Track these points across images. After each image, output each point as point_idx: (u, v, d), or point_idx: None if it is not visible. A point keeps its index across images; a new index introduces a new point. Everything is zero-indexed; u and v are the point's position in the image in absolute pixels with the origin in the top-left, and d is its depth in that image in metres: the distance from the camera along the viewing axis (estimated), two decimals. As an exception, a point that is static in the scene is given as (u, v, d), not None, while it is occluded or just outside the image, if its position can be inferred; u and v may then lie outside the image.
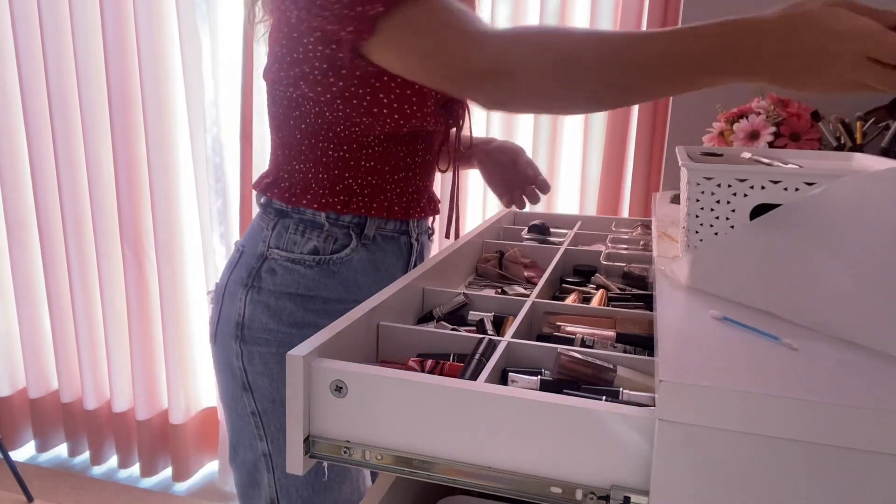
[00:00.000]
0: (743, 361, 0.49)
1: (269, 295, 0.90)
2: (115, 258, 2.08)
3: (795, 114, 1.11)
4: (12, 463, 2.06)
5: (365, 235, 0.92)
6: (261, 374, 0.90)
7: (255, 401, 0.92)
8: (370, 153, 0.89)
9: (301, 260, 0.90)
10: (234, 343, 0.91)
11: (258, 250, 0.92)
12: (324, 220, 0.90)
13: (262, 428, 0.92)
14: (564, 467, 0.49)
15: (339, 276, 0.91)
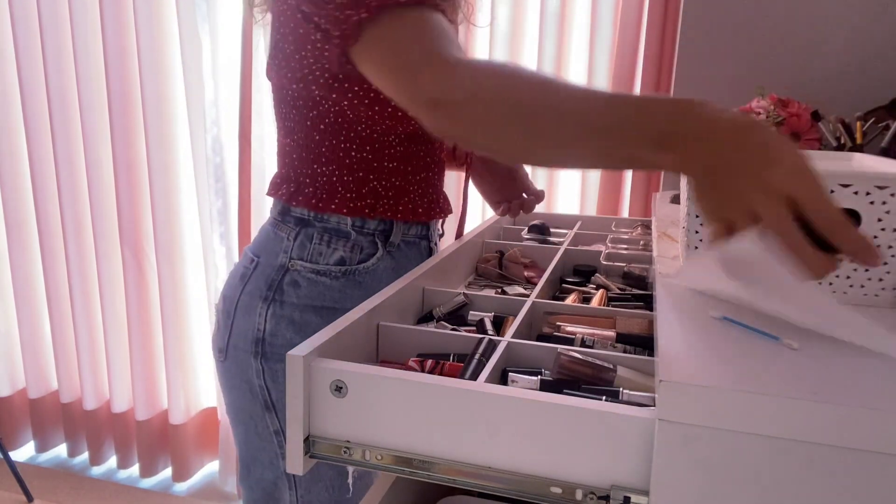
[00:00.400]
0: (743, 361, 0.49)
1: (293, 308, 0.86)
2: (115, 258, 2.08)
3: (795, 114, 1.11)
4: (12, 463, 2.05)
5: (390, 243, 0.90)
6: (285, 393, 0.87)
7: (279, 420, 0.88)
8: (393, 153, 0.87)
9: (327, 271, 0.87)
10: (252, 360, 0.87)
11: (278, 262, 0.88)
12: (349, 227, 0.87)
13: (284, 447, 0.88)
14: (564, 467, 0.49)
15: (365, 286, 0.88)
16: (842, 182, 0.61)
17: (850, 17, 1.30)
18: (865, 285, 0.63)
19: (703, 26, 1.39)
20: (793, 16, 1.33)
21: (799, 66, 1.35)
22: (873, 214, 0.61)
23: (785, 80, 1.34)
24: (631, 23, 1.56)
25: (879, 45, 1.30)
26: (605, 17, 1.58)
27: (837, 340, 0.53)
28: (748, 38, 1.37)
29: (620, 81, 1.59)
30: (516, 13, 1.65)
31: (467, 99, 0.64)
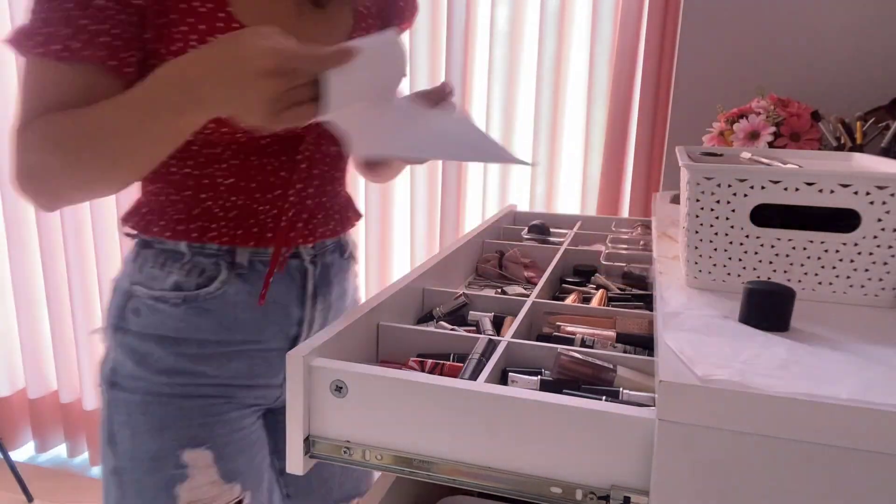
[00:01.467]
0: (743, 361, 0.49)
1: (135, 338, 0.78)
2: (115, 258, 2.08)
3: (795, 114, 1.11)
4: (12, 463, 2.05)
5: (237, 264, 0.78)
6: (123, 426, 0.79)
7: (115, 457, 0.80)
8: (224, 168, 0.76)
9: (164, 297, 0.77)
10: (105, 388, 0.81)
11: (123, 287, 0.80)
12: (184, 248, 0.77)
13: (121, 488, 0.80)
14: (564, 467, 0.49)
15: (214, 314, 0.78)
16: (842, 182, 0.61)
17: (850, 17, 1.30)
18: (865, 285, 0.63)
19: (703, 26, 1.39)
20: (793, 16, 1.33)
21: (799, 66, 1.35)
22: (873, 214, 0.61)
23: (785, 80, 1.34)
24: (631, 23, 1.56)
25: (879, 45, 1.30)
26: (605, 17, 1.58)
27: (838, 341, 0.53)
28: (748, 38, 1.37)
29: (620, 81, 1.59)
30: (516, 13, 1.65)
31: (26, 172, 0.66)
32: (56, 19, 0.65)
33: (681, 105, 1.44)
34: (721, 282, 0.67)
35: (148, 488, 0.79)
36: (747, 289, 0.57)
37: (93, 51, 0.65)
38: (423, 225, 1.83)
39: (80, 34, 0.65)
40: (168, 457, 0.79)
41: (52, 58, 0.65)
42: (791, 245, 0.64)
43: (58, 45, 0.65)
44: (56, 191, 0.68)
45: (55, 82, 0.66)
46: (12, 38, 0.68)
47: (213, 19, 0.69)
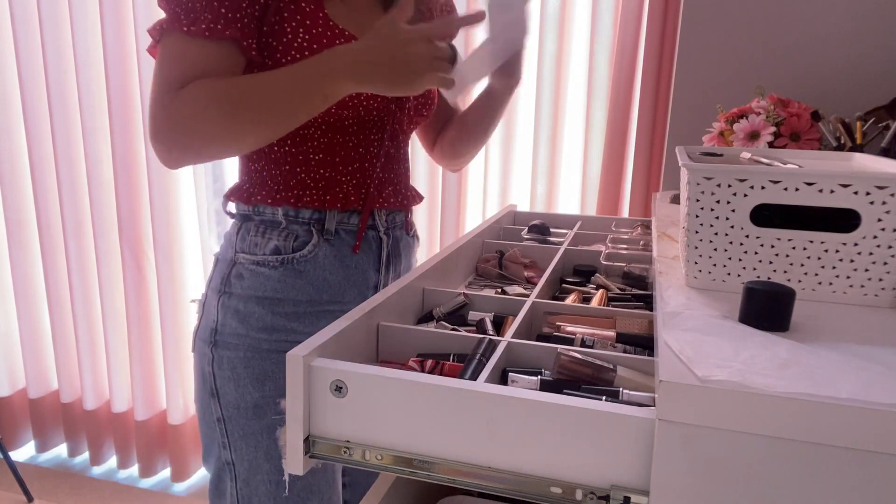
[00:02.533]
0: (743, 361, 0.49)
1: (239, 300, 0.89)
2: (115, 258, 2.08)
3: (795, 114, 1.11)
4: (12, 463, 2.05)
5: (326, 230, 0.90)
6: (228, 380, 0.89)
7: (220, 406, 0.91)
8: (316, 146, 0.89)
9: (265, 261, 0.89)
10: (207, 349, 0.91)
11: (228, 256, 0.92)
12: (281, 216, 0.89)
13: (226, 436, 0.91)
14: (564, 467, 0.49)
15: (307, 275, 0.90)
16: (842, 182, 0.61)
17: (851, 18, 1.30)
18: (865, 285, 0.63)
19: (703, 26, 1.39)
20: (793, 16, 1.33)
21: (799, 66, 1.35)
22: (873, 214, 0.61)
23: (785, 80, 1.34)
24: (631, 23, 1.56)
25: (879, 45, 1.30)
26: (605, 17, 1.58)
27: (838, 341, 0.53)
28: (748, 38, 1.37)
29: (620, 81, 1.59)
30: (516, 13, 1.65)
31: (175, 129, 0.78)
32: (198, 6, 0.77)
33: (681, 105, 1.44)
34: (721, 282, 0.67)
35: (253, 433, 0.90)
36: (747, 289, 0.57)
37: (232, 31, 0.79)
38: (423, 225, 1.83)
39: (222, 17, 0.78)
40: (269, 405, 0.89)
41: (199, 35, 0.78)
42: (791, 245, 0.64)
43: (203, 24, 0.77)
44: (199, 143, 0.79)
45: (198, 57, 0.79)
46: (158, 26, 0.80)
47: (315, 18, 0.83)
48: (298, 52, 0.82)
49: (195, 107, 0.77)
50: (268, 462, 0.90)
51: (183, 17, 0.77)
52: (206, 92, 0.77)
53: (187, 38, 0.78)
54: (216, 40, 0.78)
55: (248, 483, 0.91)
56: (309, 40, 0.82)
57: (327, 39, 0.83)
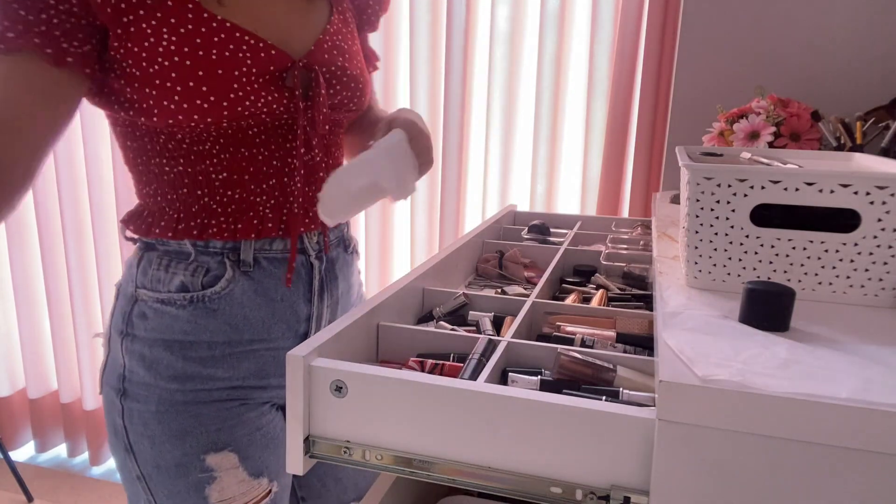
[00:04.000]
0: (743, 361, 0.49)
1: (143, 344, 0.77)
2: (115, 258, 2.08)
3: (795, 114, 1.11)
4: (12, 463, 2.05)
5: (243, 262, 0.78)
6: (141, 436, 0.78)
7: (138, 465, 0.80)
8: (216, 163, 0.75)
9: (170, 300, 0.76)
10: (116, 398, 0.79)
11: (128, 291, 0.79)
12: (189, 247, 0.76)
13: (150, 493, 0.81)
14: (564, 467, 0.49)
15: (222, 314, 0.77)
16: (842, 182, 0.61)
17: (850, 17, 1.31)
18: (865, 285, 0.63)
19: (703, 26, 1.39)
20: (793, 16, 1.33)
21: (799, 66, 1.35)
22: (873, 214, 0.61)
23: (785, 80, 1.34)
24: (631, 23, 1.56)
25: (879, 45, 1.30)
26: (605, 17, 1.58)
27: (838, 341, 0.53)
28: (748, 38, 1.37)
29: (620, 81, 1.59)
30: (516, 13, 1.65)
31: None
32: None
33: (681, 105, 1.44)
34: (721, 282, 0.67)
35: (178, 492, 0.80)
36: (747, 289, 0.57)
37: (27, 41, 0.64)
38: (423, 225, 1.83)
39: (18, 24, 0.63)
40: (192, 462, 0.78)
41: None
42: (791, 245, 0.64)
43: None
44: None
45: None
46: None
47: (181, 9, 0.69)
48: (166, 58, 0.68)
49: None
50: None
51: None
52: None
53: None
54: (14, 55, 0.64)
55: None
56: (177, 42, 0.68)
57: (201, 38, 0.69)
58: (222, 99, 0.70)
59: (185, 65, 0.68)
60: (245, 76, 0.71)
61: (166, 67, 0.68)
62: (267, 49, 0.73)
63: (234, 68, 0.70)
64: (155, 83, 0.69)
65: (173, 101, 0.69)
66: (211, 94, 0.70)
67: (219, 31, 0.70)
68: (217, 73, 0.70)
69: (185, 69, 0.68)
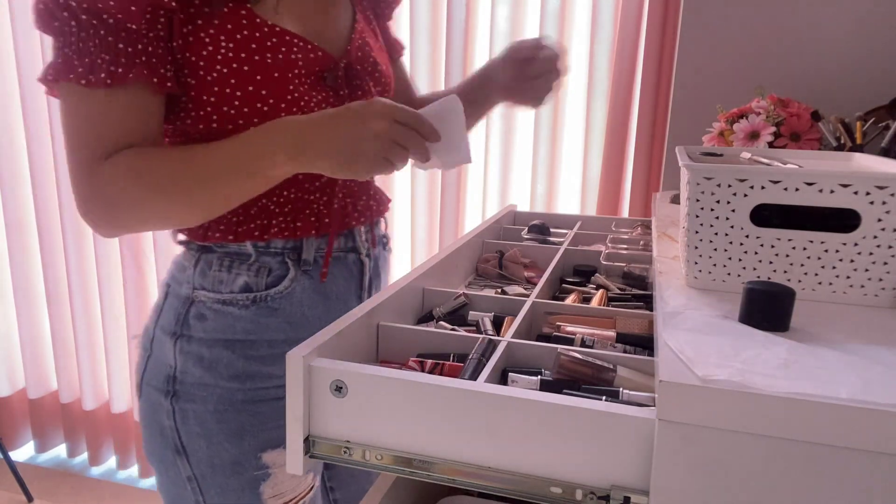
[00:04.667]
0: (743, 361, 0.49)
1: (201, 344, 0.78)
2: (114, 258, 2.08)
3: (795, 114, 1.11)
4: (12, 463, 2.05)
5: (304, 261, 0.80)
6: (197, 436, 0.79)
7: (190, 465, 0.80)
8: None
9: (233, 300, 0.77)
10: (164, 399, 0.79)
11: (183, 293, 0.80)
12: (250, 248, 0.78)
13: (200, 493, 0.81)
14: (564, 467, 0.49)
15: (282, 312, 0.79)
16: (842, 182, 0.61)
17: (850, 17, 1.31)
18: (865, 285, 0.63)
19: (703, 26, 1.39)
20: (793, 16, 1.33)
21: (799, 66, 1.35)
22: (873, 214, 0.61)
23: (785, 80, 1.34)
24: (631, 23, 1.56)
25: (879, 45, 1.30)
26: (605, 17, 1.58)
27: (838, 341, 0.53)
28: (748, 38, 1.37)
29: (620, 81, 1.59)
30: (516, 13, 1.65)
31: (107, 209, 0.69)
32: (91, 48, 0.66)
33: (681, 105, 1.44)
34: (721, 282, 0.67)
35: (232, 490, 0.81)
36: (747, 289, 0.57)
37: (136, 71, 0.67)
38: (423, 225, 1.83)
39: (119, 58, 0.66)
40: (249, 460, 0.80)
41: (100, 86, 0.66)
42: (791, 245, 0.64)
43: (102, 72, 0.66)
44: (129, 222, 0.71)
45: (107, 110, 0.68)
46: (50, 75, 0.68)
47: (236, 18, 0.71)
48: (225, 65, 0.70)
49: (120, 185, 0.68)
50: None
51: (77, 64, 0.66)
52: (133, 170, 0.68)
53: (88, 90, 0.66)
54: (119, 87, 0.67)
55: None
56: (235, 48, 0.71)
57: (256, 43, 0.71)
58: (280, 101, 0.73)
59: (244, 70, 0.71)
60: (297, 77, 0.74)
61: (225, 74, 0.71)
62: (315, 50, 0.76)
63: (288, 70, 0.73)
64: (214, 90, 0.71)
65: (233, 105, 0.71)
66: (270, 97, 0.72)
67: (271, 36, 0.73)
68: (273, 75, 0.72)
69: (244, 74, 0.71)
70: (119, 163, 0.68)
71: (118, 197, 0.68)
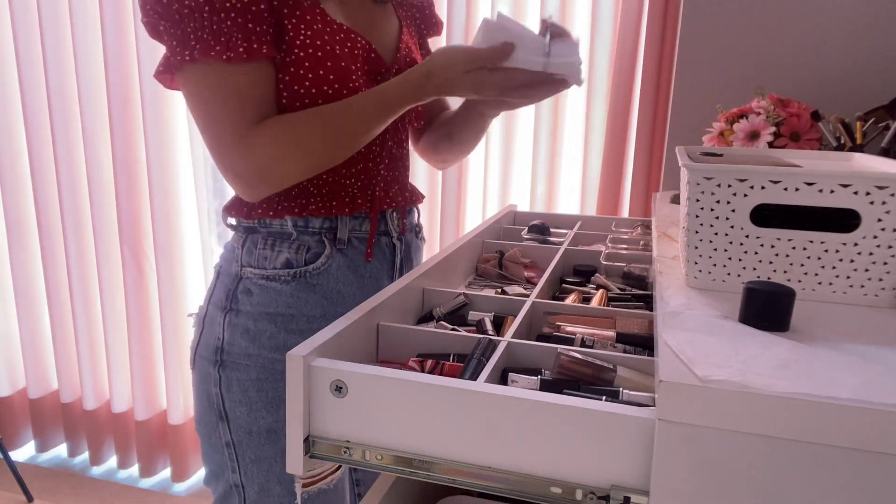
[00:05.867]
0: (743, 361, 0.49)
1: (248, 317, 0.86)
2: (115, 258, 2.08)
3: (795, 114, 1.11)
4: (12, 463, 2.06)
5: (339, 240, 0.88)
6: (239, 403, 0.86)
7: (230, 431, 0.87)
8: None
9: (275, 276, 0.85)
10: (212, 369, 0.87)
11: (233, 270, 0.88)
12: (291, 228, 0.86)
13: (235, 460, 0.88)
14: (564, 467, 0.49)
15: (320, 288, 0.87)
16: (842, 182, 0.61)
17: (851, 18, 1.30)
18: (865, 285, 0.63)
19: (703, 26, 1.39)
20: (793, 16, 1.33)
21: (799, 66, 1.35)
22: (873, 214, 0.61)
23: (785, 80, 1.34)
24: (631, 23, 1.56)
25: (879, 45, 1.30)
26: (605, 17, 1.58)
27: (838, 341, 0.53)
28: (748, 38, 1.37)
29: (620, 81, 1.59)
30: (516, 13, 1.65)
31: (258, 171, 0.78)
32: (226, 28, 0.75)
33: (681, 105, 1.44)
34: (721, 282, 0.67)
35: (266, 458, 0.87)
36: (747, 289, 0.57)
37: (268, 48, 0.77)
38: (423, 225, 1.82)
39: (253, 34, 0.76)
40: (283, 429, 0.85)
41: (238, 61, 0.75)
42: (791, 245, 0.64)
43: (241, 48, 0.75)
44: (281, 179, 0.80)
45: (247, 84, 0.77)
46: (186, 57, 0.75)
47: (313, 14, 0.82)
48: (301, 50, 0.80)
49: (278, 150, 0.78)
50: (280, 485, 0.88)
51: (215, 44, 0.75)
52: (287, 134, 0.78)
53: (226, 65, 0.75)
54: (255, 61, 0.77)
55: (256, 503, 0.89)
56: (311, 36, 0.81)
57: (328, 35, 0.82)
58: (343, 87, 0.82)
59: (318, 56, 0.81)
60: (358, 71, 0.84)
61: (301, 57, 0.80)
62: (373, 51, 0.87)
63: (352, 62, 0.84)
64: (290, 70, 0.80)
65: (304, 85, 0.80)
66: (336, 82, 0.82)
67: (340, 32, 0.84)
68: (341, 64, 0.82)
69: (317, 59, 0.81)
70: (267, 130, 0.78)
71: (275, 161, 0.78)
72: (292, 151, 0.78)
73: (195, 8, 0.74)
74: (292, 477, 0.86)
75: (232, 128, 0.77)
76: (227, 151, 0.78)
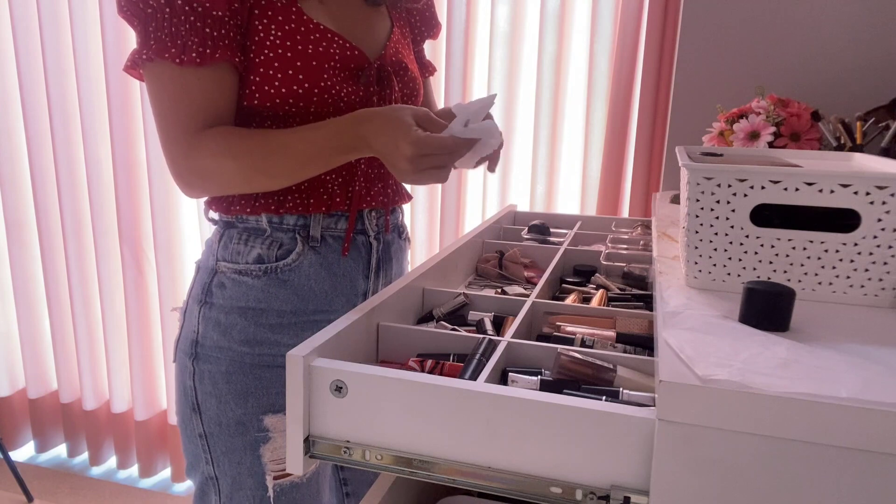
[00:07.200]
0: (743, 361, 0.49)
1: (220, 310, 0.87)
2: (115, 258, 2.08)
3: (795, 114, 1.11)
4: (12, 463, 2.05)
5: (312, 237, 0.87)
6: (209, 395, 0.87)
7: (202, 422, 0.88)
8: None
9: (247, 270, 0.86)
10: (188, 361, 0.88)
11: (209, 264, 0.90)
12: (265, 224, 0.86)
13: (208, 451, 0.90)
14: (564, 467, 0.49)
15: (291, 284, 0.87)
16: (842, 182, 0.61)
17: (850, 17, 1.31)
18: (865, 285, 0.63)
19: (703, 26, 1.39)
20: (793, 16, 1.33)
21: (799, 66, 1.35)
22: (873, 214, 0.61)
23: (785, 80, 1.34)
24: (631, 23, 1.56)
25: (879, 45, 1.30)
26: (605, 17, 1.58)
27: (838, 341, 0.53)
28: (748, 38, 1.37)
29: (620, 81, 1.59)
30: (516, 13, 1.65)
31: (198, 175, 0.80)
32: (182, 32, 0.75)
33: (681, 105, 1.44)
34: (721, 282, 0.67)
35: (236, 450, 0.88)
36: (747, 289, 0.57)
37: (222, 52, 0.77)
38: (423, 225, 1.83)
39: (209, 39, 0.76)
40: (251, 421, 0.87)
41: (191, 64, 0.76)
42: (791, 245, 0.64)
43: (194, 52, 0.75)
44: (218, 188, 0.82)
45: (199, 89, 0.78)
46: (144, 55, 0.76)
47: (287, 13, 0.81)
48: (271, 50, 0.80)
49: (217, 162, 0.78)
50: (251, 478, 0.89)
51: (171, 46, 0.75)
52: (229, 148, 0.78)
53: (179, 68, 0.76)
54: (209, 66, 0.77)
55: (231, 498, 0.90)
56: (282, 36, 0.80)
57: (300, 35, 0.81)
58: (314, 87, 0.81)
59: (287, 56, 0.80)
60: (332, 69, 0.83)
61: (270, 58, 0.80)
62: (351, 49, 0.85)
63: (325, 62, 0.82)
64: (259, 71, 0.80)
65: (273, 85, 0.80)
66: (305, 82, 0.81)
67: (314, 31, 0.82)
68: (311, 64, 0.81)
69: (286, 59, 0.80)
70: (212, 140, 0.78)
71: (212, 171, 0.79)
72: (231, 167, 0.79)
73: (157, 8, 0.76)
74: (262, 470, 0.88)
75: (179, 129, 0.78)
76: (171, 150, 0.79)
